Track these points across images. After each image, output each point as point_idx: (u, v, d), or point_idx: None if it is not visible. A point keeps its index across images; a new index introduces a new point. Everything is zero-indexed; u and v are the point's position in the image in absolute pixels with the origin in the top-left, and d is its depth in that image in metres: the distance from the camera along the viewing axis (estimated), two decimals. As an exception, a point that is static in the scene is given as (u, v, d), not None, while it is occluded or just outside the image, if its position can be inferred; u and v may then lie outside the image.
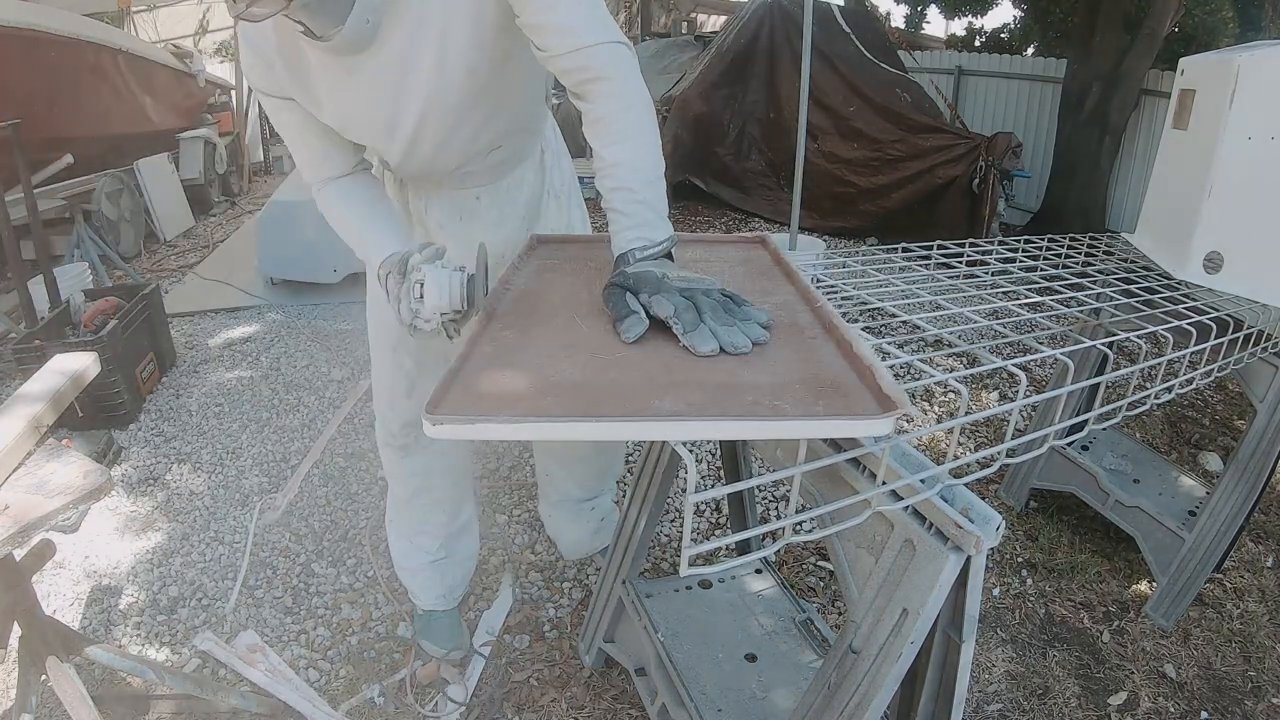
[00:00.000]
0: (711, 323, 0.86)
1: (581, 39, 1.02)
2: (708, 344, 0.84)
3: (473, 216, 1.37)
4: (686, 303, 0.88)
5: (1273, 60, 1.49)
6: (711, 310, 0.87)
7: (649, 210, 1.01)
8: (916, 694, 0.93)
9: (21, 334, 2.75)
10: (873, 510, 0.82)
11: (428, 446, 1.60)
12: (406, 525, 1.71)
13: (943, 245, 1.59)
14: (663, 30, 10.88)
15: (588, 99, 1.06)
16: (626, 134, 1.04)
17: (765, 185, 5.48)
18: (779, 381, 0.78)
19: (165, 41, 6.95)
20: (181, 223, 5.30)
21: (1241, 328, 1.39)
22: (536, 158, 1.42)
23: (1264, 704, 1.65)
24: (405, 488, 1.66)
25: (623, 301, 0.91)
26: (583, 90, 1.05)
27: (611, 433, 0.73)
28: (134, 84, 4.86)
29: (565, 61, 1.03)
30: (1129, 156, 5.06)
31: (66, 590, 1.91)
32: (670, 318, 0.87)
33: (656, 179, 1.04)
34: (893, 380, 0.75)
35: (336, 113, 1.14)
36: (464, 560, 1.78)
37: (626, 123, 1.05)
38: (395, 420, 1.57)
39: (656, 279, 0.91)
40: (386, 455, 1.65)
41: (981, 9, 8.49)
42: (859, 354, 0.82)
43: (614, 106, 1.04)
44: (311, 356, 3.24)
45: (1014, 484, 2.26)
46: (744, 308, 0.91)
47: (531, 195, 1.41)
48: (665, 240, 0.99)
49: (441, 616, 1.75)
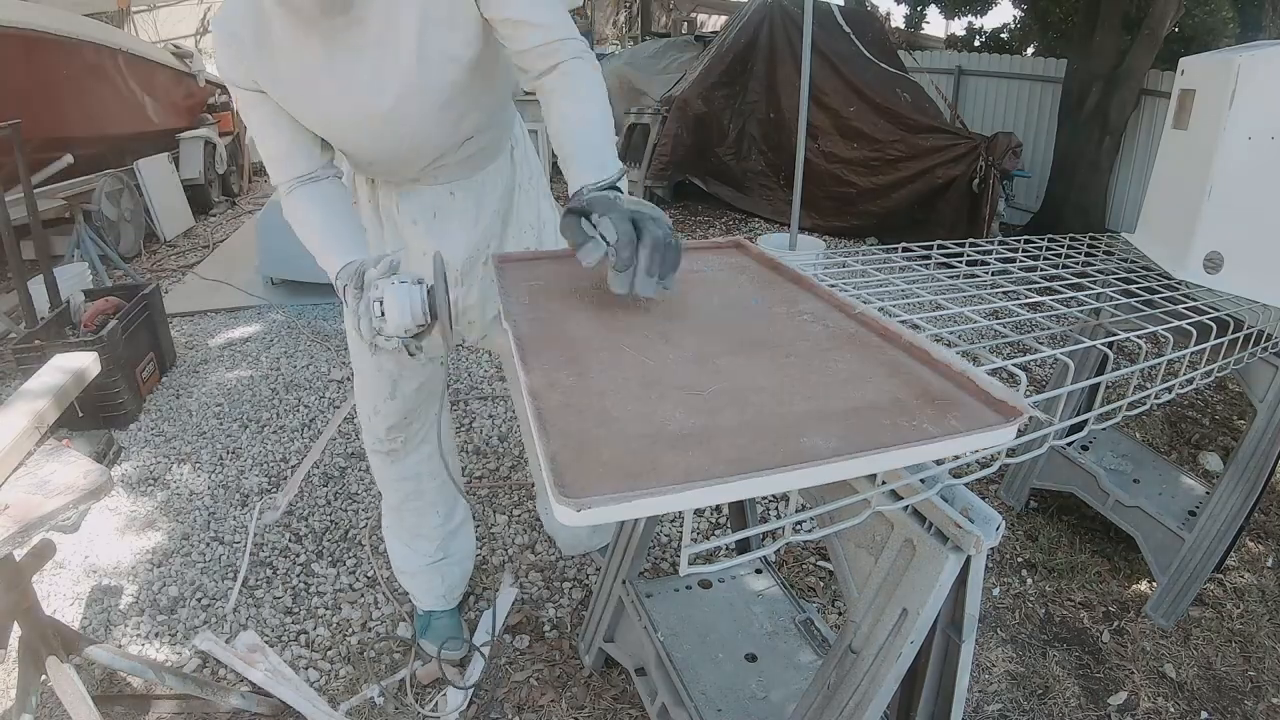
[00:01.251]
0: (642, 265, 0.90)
1: (548, 34, 1.08)
2: (621, 287, 0.91)
3: (447, 213, 1.36)
4: (630, 231, 0.91)
5: (1273, 60, 1.49)
6: (651, 247, 0.91)
7: (601, 152, 1.06)
8: (916, 694, 0.93)
9: (21, 334, 2.75)
10: (873, 510, 0.82)
11: (416, 450, 1.60)
12: (402, 530, 1.71)
13: (943, 245, 1.59)
14: (663, 30, 10.89)
15: (548, 89, 1.11)
16: (579, 97, 1.10)
17: (765, 185, 5.48)
18: (895, 399, 0.76)
19: (165, 41, 6.95)
20: (181, 223, 5.30)
21: (1241, 328, 1.39)
22: (507, 153, 1.42)
23: (1264, 704, 1.65)
24: (396, 493, 1.65)
25: (578, 228, 0.95)
26: (545, 80, 1.11)
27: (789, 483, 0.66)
28: (134, 84, 4.86)
29: (530, 56, 1.09)
30: (1129, 156, 5.06)
31: (66, 590, 1.91)
32: (612, 245, 0.91)
33: (606, 129, 1.10)
34: (1000, 385, 0.74)
35: (307, 101, 1.12)
36: (462, 560, 1.78)
37: (580, 92, 1.10)
38: (380, 425, 1.55)
39: (608, 201, 0.96)
40: (375, 462, 1.64)
41: (981, 9, 8.50)
42: (944, 361, 0.81)
43: (568, 83, 1.10)
44: (311, 356, 3.24)
45: (1014, 484, 2.26)
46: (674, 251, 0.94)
47: (504, 190, 1.41)
48: (615, 173, 1.04)
49: (442, 616, 1.75)
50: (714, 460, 0.65)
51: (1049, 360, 2.78)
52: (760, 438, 0.69)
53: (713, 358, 0.85)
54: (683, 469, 0.64)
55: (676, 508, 0.63)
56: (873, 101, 4.96)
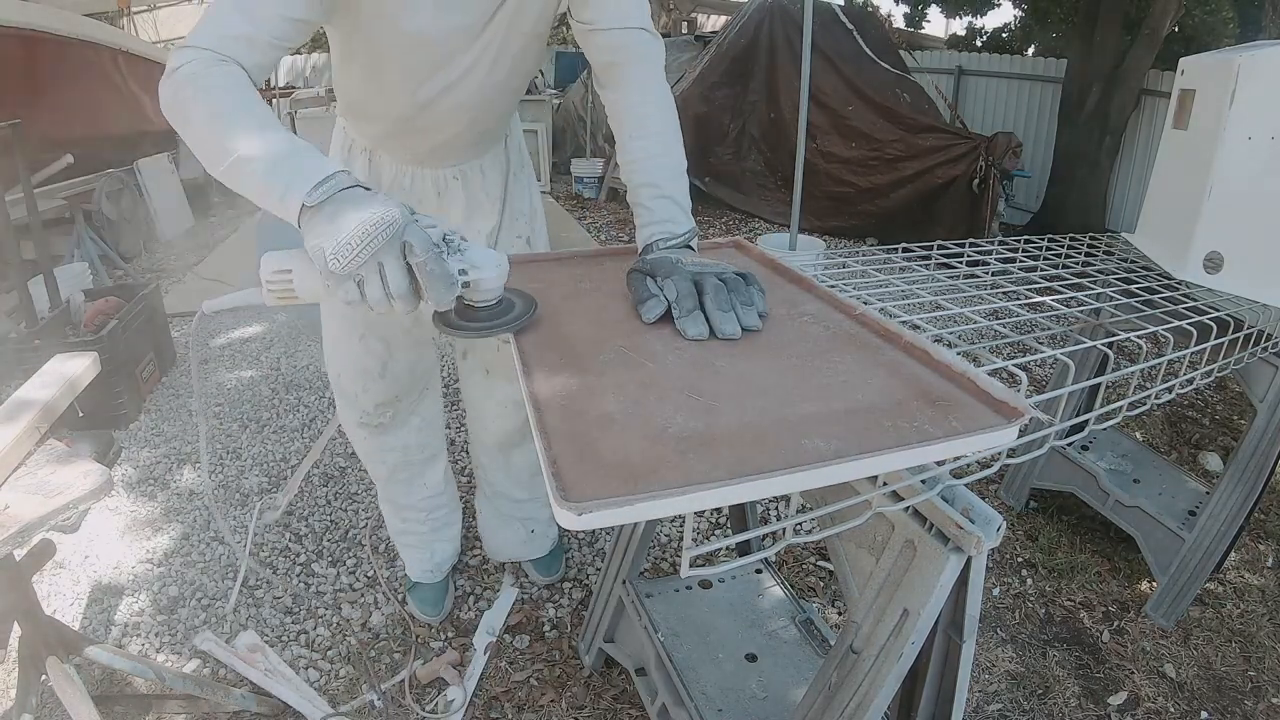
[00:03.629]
0: (711, 307, 0.88)
1: (627, 19, 1.07)
2: (696, 328, 0.87)
3: (450, 195, 1.36)
4: (690, 287, 0.91)
5: (1273, 60, 1.49)
6: (713, 291, 0.89)
7: (672, 205, 1.06)
8: (917, 694, 0.93)
9: (21, 334, 2.75)
10: (873, 511, 0.82)
11: (404, 423, 1.61)
12: (391, 502, 1.76)
13: (943, 245, 1.59)
14: (663, 30, 10.89)
15: (613, 85, 1.10)
16: (652, 128, 1.09)
17: (764, 185, 5.49)
18: (895, 400, 0.75)
19: (165, 41, 6.96)
20: (181, 223, 5.31)
21: (1241, 328, 1.39)
22: (503, 141, 1.45)
23: (1264, 704, 1.65)
24: (383, 465, 1.67)
25: (643, 285, 0.95)
26: (610, 73, 1.09)
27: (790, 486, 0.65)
28: (134, 84, 4.86)
29: (604, 38, 1.08)
30: (1129, 156, 5.06)
31: (66, 590, 1.91)
32: (673, 301, 0.90)
33: (680, 173, 1.09)
34: (1001, 386, 0.74)
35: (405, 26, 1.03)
36: (449, 538, 1.85)
37: (652, 116, 1.09)
38: (369, 401, 1.54)
39: (671, 263, 0.95)
40: (358, 436, 1.63)
41: (982, 9, 8.50)
42: (944, 361, 0.81)
43: (638, 97, 1.08)
44: (311, 356, 3.23)
45: (1014, 484, 2.26)
46: (750, 289, 0.93)
47: (502, 176, 1.44)
48: (685, 233, 1.04)
49: (427, 587, 1.83)
50: (715, 463, 0.65)
51: (1049, 360, 2.78)
52: (761, 440, 0.69)
53: (712, 359, 0.85)
54: (683, 472, 0.64)
55: (677, 511, 0.62)
56: (872, 101, 4.96)
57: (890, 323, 0.92)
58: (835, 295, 1.03)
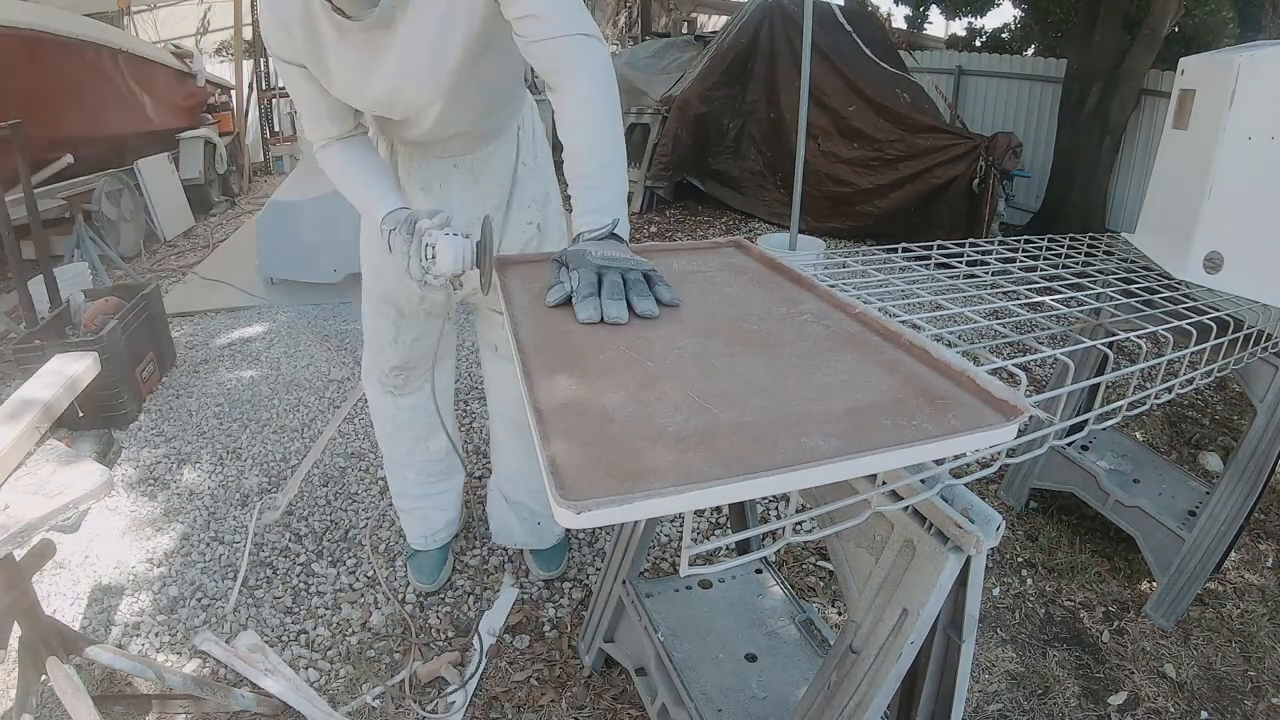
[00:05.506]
0: (604, 296, 0.96)
1: (555, 29, 1.11)
2: (585, 312, 0.94)
3: (450, 183, 1.49)
4: (592, 278, 0.98)
5: (1273, 60, 1.49)
6: (609, 284, 0.97)
7: (601, 195, 1.10)
8: (916, 694, 0.93)
9: (21, 334, 2.75)
10: (873, 511, 0.82)
11: (417, 390, 1.76)
12: (394, 461, 1.86)
13: (943, 245, 1.59)
14: (663, 30, 10.89)
15: (556, 90, 1.15)
16: (586, 123, 1.13)
17: (764, 185, 5.48)
18: (895, 399, 0.75)
19: (165, 41, 6.95)
20: (181, 223, 5.31)
21: (1241, 328, 1.39)
22: (513, 133, 1.53)
23: (1264, 704, 1.65)
24: (390, 423, 1.81)
25: (554, 273, 1.04)
26: (552, 81, 1.14)
27: (789, 484, 0.65)
28: (134, 84, 4.86)
29: (538, 49, 1.13)
30: (1129, 156, 5.06)
31: (66, 590, 1.91)
32: (574, 289, 0.98)
33: (612, 165, 1.13)
34: (1000, 385, 0.74)
35: (344, 84, 1.25)
36: (444, 507, 1.91)
37: (587, 113, 1.13)
38: (385, 364, 1.71)
39: (582, 256, 1.01)
40: (373, 393, 1.79)
41: (982, 9, 8.49)
42: (944, 360, 0.81)
43: (575, 99, 1.13)
44: (311, 356, 3.24)
45: (1014, 484, 2.26)
46: (655, 286, 1.01)
47: (505, 165, 1.52)
48: (608, 224, 1.08)
49: (424, 555, 1.91)
50: (714, 461, 0.65)
51: (1049, 360, 2.78)
52: (760, 438, 0.69)
53: (712, 358, 0.85)
54: (683, 470, 0.64)
55: (676, 509, 0.62)
56: (872, 101, 4.96)
57: (890, 322, 0.92)
58: (835, 294, 1.03)
